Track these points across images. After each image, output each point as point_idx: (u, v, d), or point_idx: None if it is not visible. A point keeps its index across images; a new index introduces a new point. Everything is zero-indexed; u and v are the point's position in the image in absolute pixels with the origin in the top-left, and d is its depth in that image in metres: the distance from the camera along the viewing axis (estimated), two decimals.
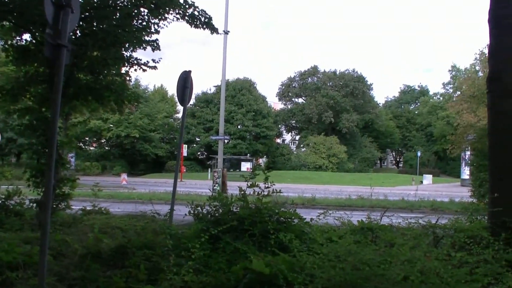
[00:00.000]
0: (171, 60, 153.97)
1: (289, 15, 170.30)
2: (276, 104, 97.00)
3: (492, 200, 7.90)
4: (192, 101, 68.59)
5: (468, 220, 8.20)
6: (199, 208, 7.71)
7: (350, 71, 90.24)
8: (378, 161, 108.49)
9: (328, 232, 7.47)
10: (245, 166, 60.86)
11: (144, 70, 13.42)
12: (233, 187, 10.29)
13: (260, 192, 7.46)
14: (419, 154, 65.39)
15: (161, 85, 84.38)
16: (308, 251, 6.04)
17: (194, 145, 76.26)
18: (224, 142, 33.27)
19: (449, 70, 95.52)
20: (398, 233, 7.37)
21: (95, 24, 11.97)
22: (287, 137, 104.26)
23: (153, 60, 13.51)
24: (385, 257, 5.57)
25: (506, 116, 8.16)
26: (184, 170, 58.72)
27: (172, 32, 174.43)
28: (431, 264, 5.35)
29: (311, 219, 7.78)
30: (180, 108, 68.53)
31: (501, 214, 7.53)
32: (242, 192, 7.46)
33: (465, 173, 51.34)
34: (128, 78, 13.89)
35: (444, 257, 5.81)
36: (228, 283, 5.49)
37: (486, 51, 11.55)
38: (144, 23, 12.45)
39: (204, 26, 12.87)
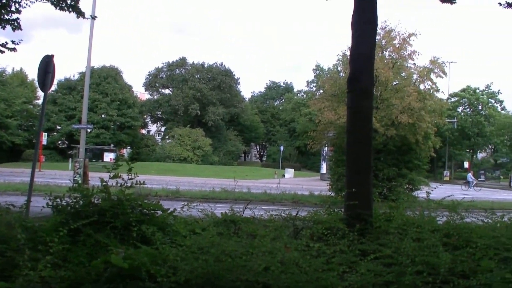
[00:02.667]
0: (34, 44, 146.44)
1: (160, 6, 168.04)
2: (142, 94, 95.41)
3: (348, 193, 8.31)
4: (54, 87, 65.77)
5: (326, 213, 8.55)
6: (58, 200, 7.35)
7: (218, 65, 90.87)
8: (243, 155, 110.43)
9: (191, 224, 7.46)
10: (108, 156, 59.20)
11: (1, 52, 12.60)
12: (95, 178, 10.00)
13: (123, 184, 7.29)
14: (282, 148, 67.30)
15: (21, 69, 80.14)
16: (171, 243, 6.00)
17: (55, 133, 72.94)
18: (86, 131, 32.12)
19: (313, 69, 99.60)
20: (260, 225, 7.52)
21: None
22: (153, 128, 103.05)
23: (13, 42, 12.72)
24: (247, 249, 5.66)
25: (364, 115, 8.62)
26: (43, 160, 55.98)
27: (37, 13, 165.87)
28: (291, 254, 5.52)
29: (175, 210, 7.73)
30: (40, 93, 65.11)
31: (356, 206, 7.95)
32: (104, 183, 7.24)
33: (324, 167, 53.68)
34: None
35: (303, 247, 6.02)
36: (88, 278, 5.29)
37: (348, 53, 12.16)
38: (4, 0, 11.67)
39: (70, 9, 12.34)
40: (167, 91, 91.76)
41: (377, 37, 21.75)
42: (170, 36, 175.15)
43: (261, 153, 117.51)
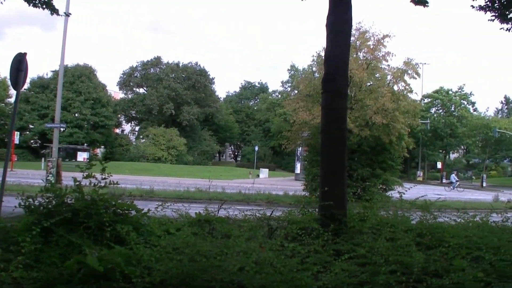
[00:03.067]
0: (8, 41, 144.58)
1: (137, 3, 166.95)
2: (116, 93, 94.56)
3: (322, 193, 8.34)
4: (26, 86, 64.79)
5: (300, 213, 8.58)
6: (30, 200, 7.24)
7: (193, 64, 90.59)
8: (217, 155, 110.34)
9: (166, 224, 7.41)
10: (82, 156, 58.61)
11: None
12: (68, 178, 9.88)
13: (96, 184, 7.22)
14: (256, 148, 67.26)
15: None
16: (146, 243, 5.96)
17: (27, 132, 72.08)
18: (60, 130, 31.70)
19: (288, 70, 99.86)
20: (235, 225, 7.51)
21: None
22: (127, 127, 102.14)
23: None
24: (221, 249, 5.65)
25: (338, 115, 8.67)
26: (15, 159, 55.18)
27: (11, 9, 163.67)
28: (265, 254, 5.52)
29: (149, 211, 7.68)
30: (13, 92, 64.19)
31: (330, 206, 7.98)
32: (78, 183, 7.17)
33: (299, 168, 53.84)
34: None
35: (278, 247, 6.03)
36: (61, 278, 5.23)
37: (323, 53, 12.26)
38: None
39: (44, 6, 12.16)
40: (141, 90, 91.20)
41: (352, 38, 21.88)
42: (147, 34, 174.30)
43: (236, 153, 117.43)
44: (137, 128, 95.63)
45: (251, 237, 6.41)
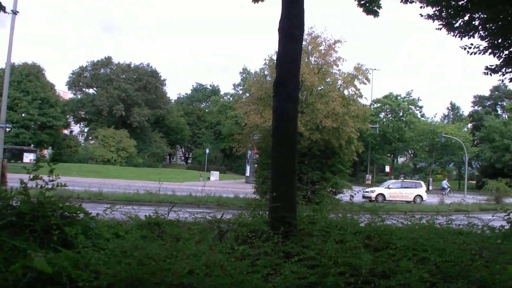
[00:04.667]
0: None
1: (87, 3, 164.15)
2: (65, 93, 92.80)
3: (273, 196, 8.37)
4: None
5: (251, 215, 8.58)
6: None
7: (145, 65, 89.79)
8: (168, 157, 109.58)
9: (114, 227, 7.30)
10: (28, 157, 57.46)
11: None
12: (14, 180, 9.67)
13: (43, 186, 7.06)
14: (207, 151, 67.12)
15: None
16: (94, 246, 5.85)
17: None
18: (5, 130, 30.89)
19: (240, 72, 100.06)
20: (185, 228, 7.47)
21: None
22: (76, 128, 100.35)
23: None
24: (171, 252, 5.61)
25: (289, 118, 8.72)
26: None
27: None
28: (215, 257, 5.51)
29: (98, 214, 7.57)
30: None
31: (280, 209, 8.01)
32: (24, 185, 6.99)
33: (249, 170, 53.97)
34: None
35: (228, 250, 6.02)
36: (5, 284, 5.08)
37: (275, 57, 12.38)
38: None
39: None
40: (91, 90, 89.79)
41: (304, 43, 22.09)
42: (100, 34, 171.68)
43: (187, 156, 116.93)
44: (86, 129, 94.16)
45: (201, 240, 6.38)
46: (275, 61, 9.67)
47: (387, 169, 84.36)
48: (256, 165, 32.45)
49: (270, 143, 10.09)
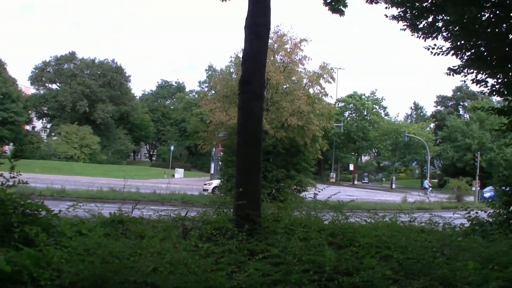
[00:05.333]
0: None
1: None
2: (27, 88, 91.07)
3: (237, 194, 8.37)
4: None
5: (215, 213, 8.58)
6: None
7: (110, 61, 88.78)
8: (132, 154, 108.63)
9: (77, 225, 7.22)
10: None
11: None
12: None
13: (4, 183, 6.93)
14: (172, 148, 66.69)
15: None
16: (56, 245, 5.78)
17: None
18: None
19: (206, 70, 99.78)
20: (149, 226, 7.43)
21: None
22: (38, 124, 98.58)
23: None
24: (135, 250, 5.57)
25: (254, 116, 8.74)
26: None
27: None
28: (179, 255, 5.49)
29: (60, 211, 7.46)
30: None
31: (245, 207, 8.03)
32: None
33: (214, 168, 53.87)
34: None
35: (192, 248, 6.01)
36: None
37: (241, 55, 12.37)
38: None
39: None
40: (54, 86, 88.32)
41: (270, 41, 22.15)
42: (66, 29, 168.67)
43: (151, 153, 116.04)
44: (48, 125, 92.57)
45: (165, 238, 6.35)
46: (241, 59, 9.66)
47: (351, 167, 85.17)
48: (221, 163, 32.42)
49: (235, 140, 10.12)
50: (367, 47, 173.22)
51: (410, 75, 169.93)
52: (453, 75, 12.14)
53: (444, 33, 11.55)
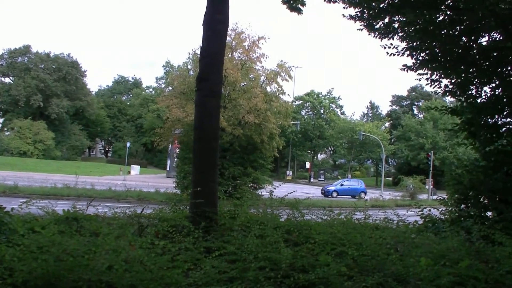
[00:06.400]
0: None
1: None
2: None
3: (194, 191, 8.36)
4: None
5: (171, 210, 8.55)
6: None
7: (65, 56, 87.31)
8: (87, 150, 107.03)
9: (30, 222, 7.10)
10: None
11: None
12: None
13: None
14: (128, 144, 66.08)
15: None
16: (8, 242, 5.67)
17: None
18: None
19: (164, 66, 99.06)
20: (104, 223, 7.36)
21: None
22: None
23: None
24: (89, 247, 5.50)
25: (211, 113, 8.73)
26: None
27: None
28: (135, 252, 5.45)
29: (12, 209, 7.32)
30: None
31: (201, 204, 8.02)
32: None
33: (171, 165, 53.62)
34: None
35: (148, 245, 5.97)
36: None
37: (199, 51, 12.33)
38: None
39: None
40: (7, 80, 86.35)
41: (228, 38, 22.16)
42: (19, 20, 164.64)
43: (107, 149, 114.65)
44: (1, 120, 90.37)
45: (120, 235, 6.30)
46: (199, 56, 9.64)
47: (308, 165, 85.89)
48: (177, 160, 32.28)
49: (192, 137, 10.07)
50: (325, 46, 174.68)
51: (367, 74, 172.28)
52: (407, 71, 12.37)
53: (400, 34, 11.76)
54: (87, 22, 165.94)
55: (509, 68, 11.71)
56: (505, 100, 11.81)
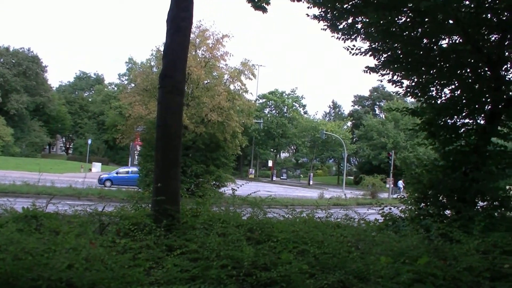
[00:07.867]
0: None
1: None
2: None
3: (156, 189, 8.31)
4: None
5: (133, 208, 8.48)
6: None
7: (25, 50, 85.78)
8: (47, 147, 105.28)
9: None
10: None
11: None
12: None
13: None
14: (89, 141, 65.31)
15: None
16: None
17: None
18: None
19: (126, 62, 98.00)
20: (64, 221, 7.26)
21: None
22: None
23: None
24: (49, 246, 5.44)
25: (174, 111, 8.70)
26: None
27: None
28: (96, 251, 5.40)
29: None
30: None
31: (163, 202, 7.98)
32: None
33: (132, 162, 53.17)
34: None
35: (109, 244, 5.93)
36: None
37: (162, 48, 12.19)
38: None
39: None
40: None
41: (192, 36, 22.09)
42: None
43: (68, 146, 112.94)
44: None
45: (81, 233, 6.24)
46: (162, 53, 9.59)
47: (270, 163, 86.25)
48: (139, 157, 32.07)
49: (154, 135, 10.01)
50: (291, 45, 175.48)
51: (332, 74, 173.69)
52: (370, 73, 12.55)
53: (363, 35, 11.89)
54: (49, 17, 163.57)
55: (468, 70, 11.97)
56: (464, 101, 12.07)
